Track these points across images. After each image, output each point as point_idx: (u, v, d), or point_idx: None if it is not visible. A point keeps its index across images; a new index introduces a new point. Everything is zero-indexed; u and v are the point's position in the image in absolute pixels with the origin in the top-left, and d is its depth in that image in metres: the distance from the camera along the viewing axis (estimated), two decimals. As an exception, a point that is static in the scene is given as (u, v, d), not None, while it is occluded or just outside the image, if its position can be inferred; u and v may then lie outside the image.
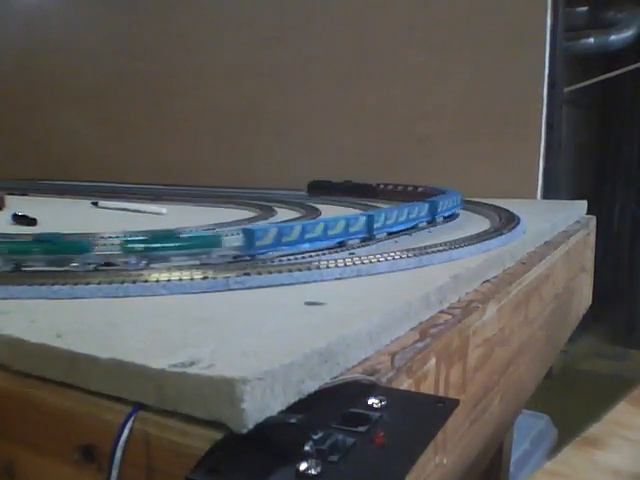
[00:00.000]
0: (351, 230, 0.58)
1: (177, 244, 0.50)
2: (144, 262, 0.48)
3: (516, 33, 1.12)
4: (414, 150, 1.24)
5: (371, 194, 1.06)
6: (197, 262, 0.50)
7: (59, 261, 0.47)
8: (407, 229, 0.65)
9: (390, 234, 0.62)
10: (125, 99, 1.68)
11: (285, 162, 1.39)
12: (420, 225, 0.68)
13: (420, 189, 0.94)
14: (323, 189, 1.17)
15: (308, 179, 1.21)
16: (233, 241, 0.52)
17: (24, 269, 0.47)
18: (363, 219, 0.59)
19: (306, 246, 0.54)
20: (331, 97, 1.34)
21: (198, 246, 0.50)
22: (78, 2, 1.77)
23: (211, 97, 1.52)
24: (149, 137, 1.64)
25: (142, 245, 0.48)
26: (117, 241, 0.52)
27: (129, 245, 0.48)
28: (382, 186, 1.04)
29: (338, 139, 1.33)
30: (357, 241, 0.58)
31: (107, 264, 0.48)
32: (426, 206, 0.69)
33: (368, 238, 0.59)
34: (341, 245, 0.57)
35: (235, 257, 0.51)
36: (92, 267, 0.47)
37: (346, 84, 1.32)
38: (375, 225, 0.60)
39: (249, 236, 0.50)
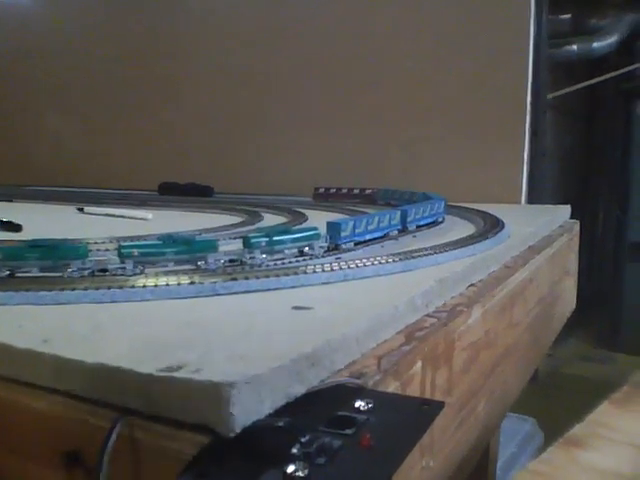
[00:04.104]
0: (392, 222, 0.65)
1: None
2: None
3: (500, 40, 1.13)
4: (399, 156, 1.24)
5: (209, 194, 1.29)
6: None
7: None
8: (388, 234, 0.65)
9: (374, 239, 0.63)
10: (111, 104, 1.67)
11: (273, 167, 1.39)
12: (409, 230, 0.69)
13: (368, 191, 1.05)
14: (171, 189, 1.34)
15: (296, 183, 1.21)
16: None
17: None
18: (398, 213, 0.66)
19: (367, 236, 0.61)
20: (319, 103, 1.34)
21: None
22: (65, 7, 1.77)
23: (199, 103, 1.52)
24: (135, 143, 1.64)
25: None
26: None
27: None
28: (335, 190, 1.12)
29: (326, 144, 1.33)
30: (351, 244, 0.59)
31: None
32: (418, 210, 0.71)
33: (358, 243, 0.60)
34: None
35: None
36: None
37: (333, 90, 1.32)
38: (408, 219, 0.68)
39: (336, 228, 0.57)
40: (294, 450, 0.26)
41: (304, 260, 0.53)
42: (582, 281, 1.05)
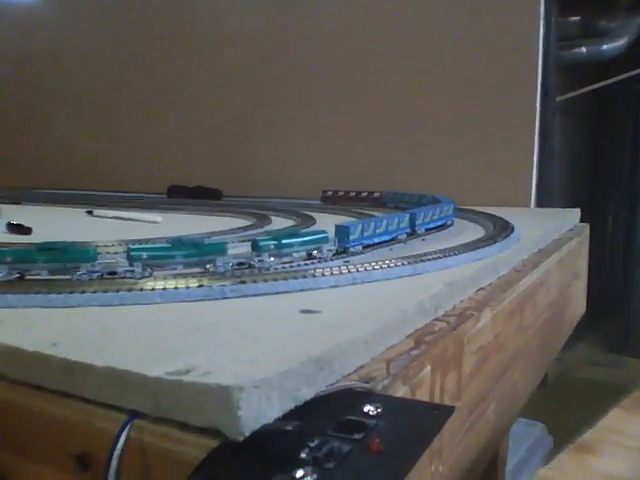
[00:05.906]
0: (401, 226, 0.65)
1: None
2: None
3: (509, 42, 1.13)
4: (408, 159, 1.24)
5: (217, 197, 1.29)
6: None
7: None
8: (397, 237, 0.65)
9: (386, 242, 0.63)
10: (120, 108, 1.68)
11: (281, 170, 1.39)
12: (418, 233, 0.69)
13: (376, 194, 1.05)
14: (179, 192, 1.35)
15: (304, 186, 1.21)
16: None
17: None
18: (407, 216, 0.66)
19: (376, 240, 0.60)
20: (327, 107, 1.34)
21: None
22: (72, 12, 1.78)
23: (205, 106, 1.52)
24: (144, 146, 1.64)
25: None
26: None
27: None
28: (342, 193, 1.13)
29: (334, 147, 1.33)
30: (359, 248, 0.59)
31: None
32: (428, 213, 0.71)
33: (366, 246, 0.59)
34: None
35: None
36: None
37: (341, 94, 1.33)
38: (417, 222, 0.68)
39: (344, 231, 0.56)
40: (303, 454, 0.26)
41: (312, 263, 0.53)
42: (592, 285, 1.05)
